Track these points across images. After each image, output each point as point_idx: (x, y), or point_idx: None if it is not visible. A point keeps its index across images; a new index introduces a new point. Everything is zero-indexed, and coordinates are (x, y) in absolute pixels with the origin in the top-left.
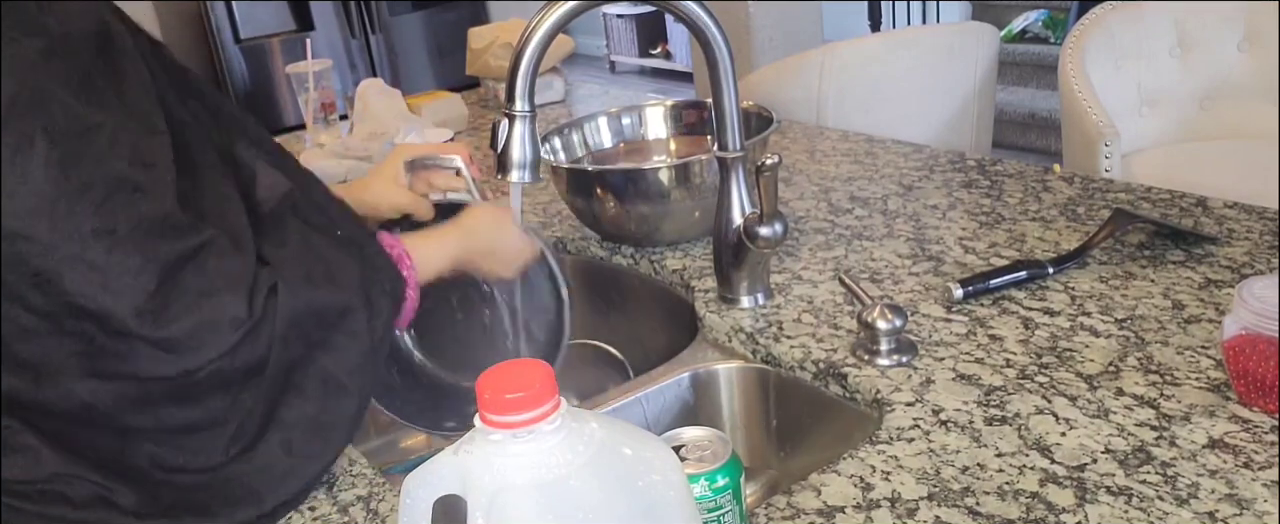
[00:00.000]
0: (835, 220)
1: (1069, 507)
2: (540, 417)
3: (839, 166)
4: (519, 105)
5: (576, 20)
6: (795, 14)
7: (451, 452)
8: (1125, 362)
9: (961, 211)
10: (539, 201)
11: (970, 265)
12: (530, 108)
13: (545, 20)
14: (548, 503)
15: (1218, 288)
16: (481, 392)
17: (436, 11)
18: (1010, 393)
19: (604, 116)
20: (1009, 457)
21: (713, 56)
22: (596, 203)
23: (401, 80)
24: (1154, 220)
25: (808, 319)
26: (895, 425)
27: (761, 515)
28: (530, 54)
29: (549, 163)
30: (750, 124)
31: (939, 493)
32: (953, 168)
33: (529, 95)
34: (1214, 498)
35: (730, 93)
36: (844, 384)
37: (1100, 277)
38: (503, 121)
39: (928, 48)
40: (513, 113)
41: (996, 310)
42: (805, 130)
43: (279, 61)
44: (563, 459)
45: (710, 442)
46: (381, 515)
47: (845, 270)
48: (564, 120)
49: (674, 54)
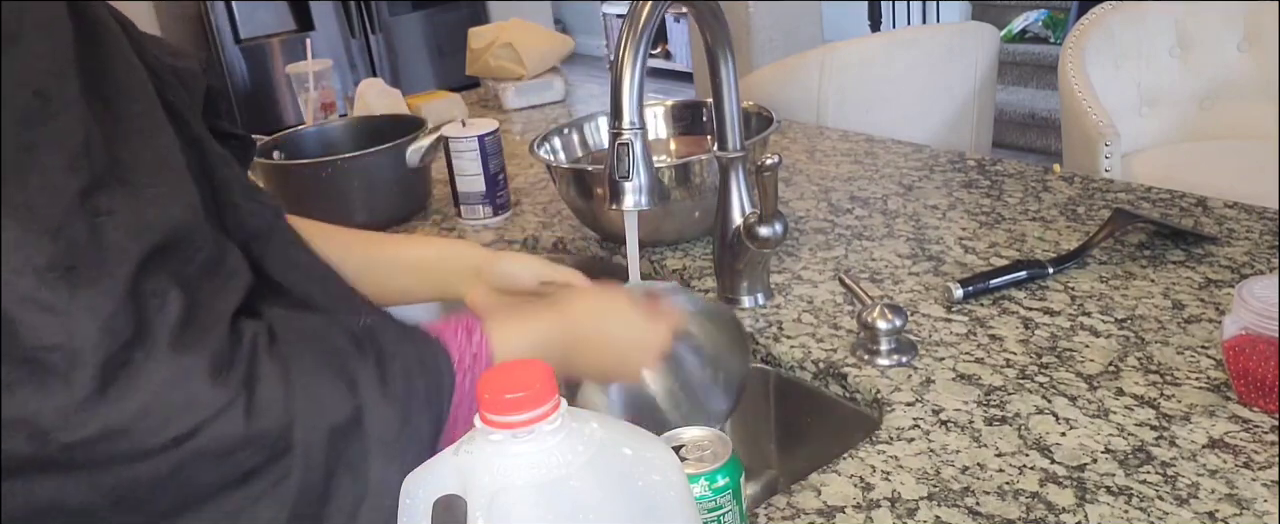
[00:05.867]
0: (835, 220)
1: (1069, 507)
2: (540, 417)
3: (839, 166)
4: (628, 120)
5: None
6: (795, 14)
7: (451, 452)
8: (1125, 362)
9: (961, 211)
10: (539, 201)
11: (970, 265)
12: (641, 123)
13: (639, 22)
14: (548, 503)
15: (1218, 288)
16: (481, 392)
17: (436, 11)
18: (1010, 393)
19: (604, 116)
20: (1009, 457)
21: (716, 56)
22: (596, 203)
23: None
24: (1154, 220)
25: (808, 319)
26: (895, 425)
27: (761, 515)
28: (634, 61)
29: (549, 163)
30: (750, 124)
31: (939, 493)
32: (953, 168)
33: (639, 108)
34: (1214, 498)
35: (731, 93)
36: (844, 384)
37: (1100, 277)
38: (613, 145)
39: (928, 48)
40: (622, 130)
41: (996, 310)
42: (805, 130)
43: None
44: (563, 459)
45: (710, 442)
46: None
47: (845, 270)
48: (564, 120)
49: (674, 54)
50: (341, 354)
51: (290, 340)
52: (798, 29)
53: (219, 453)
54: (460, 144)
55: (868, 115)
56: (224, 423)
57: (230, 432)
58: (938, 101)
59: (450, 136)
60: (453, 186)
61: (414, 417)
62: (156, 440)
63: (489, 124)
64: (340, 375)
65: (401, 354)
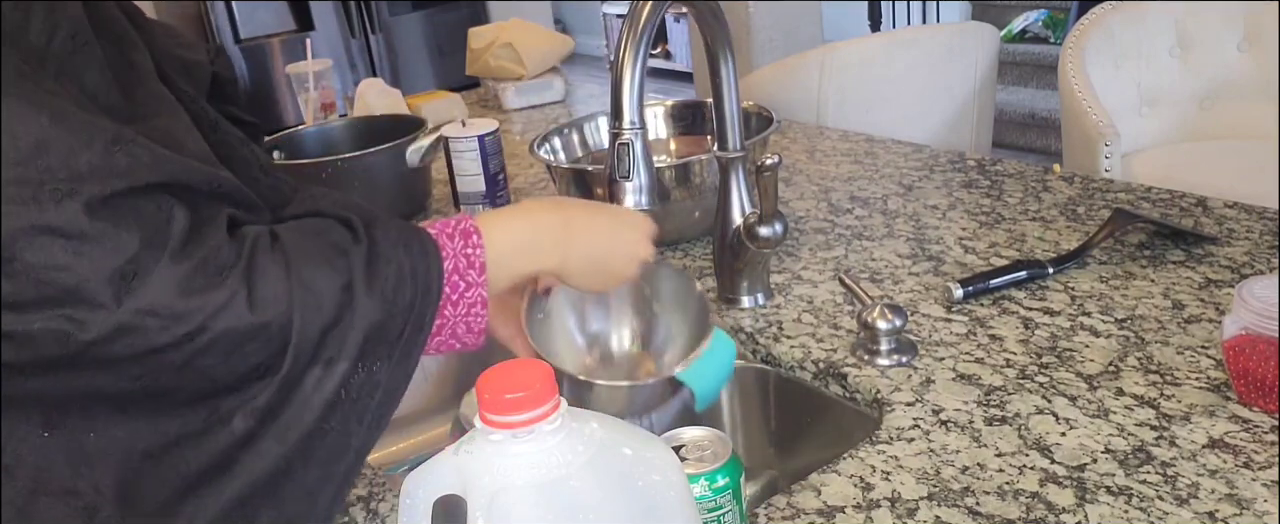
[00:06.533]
0: (835, 220)
1: (1069, 507)
2: (540, 417)
3: (839, 166)
4: (628, 120)
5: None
6: (795, 14)
7: (451, 452)
8: (1125, 362)
9: (961, 211)
10: None
11: (970, 265)
12: (641, 123)
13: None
14: (548, 503)
15: (1218, 288)
16: (481, 392)
17: (436, 11)
18: (1010, 393)
19: (604, 116)
20: (1009, 457)
21: (716, 56)
22: None
23: (401, 80)
24: (1154, 220)
25: (808, 319)
26: (895, 425)
27: (761, 515)
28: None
29: (549, 163)
30: (750, 124)
31: (939, 493)
32: (953, 168)
33: (639, 108)
34: (1214, 498)
35: (731, 93)
36: (844, 384)
37: (1100, 277)
38: (613, 145)
39: (928, 48)
40: (622, 130)
41: (996, 310)
42: (805, 130)
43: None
44: (563, 459)
45: (710, 442)
46: (381, 515)
47: (845, 270)
48: (564, 120)
49: (674, 54)
50: (338, 249)
51: (291, 238)
52: (798, 29)
53: (228, 346)
54: (460, 144)
55: (868, 115)
56: (228, 317)
57: (236, 325)
58: (938, 101)
59: (450, 136)
60: (453, 186)
61: (397, 317)
62: (167, 337)
63: (489, 124)
64: (337, 271)
65: (395, 258)
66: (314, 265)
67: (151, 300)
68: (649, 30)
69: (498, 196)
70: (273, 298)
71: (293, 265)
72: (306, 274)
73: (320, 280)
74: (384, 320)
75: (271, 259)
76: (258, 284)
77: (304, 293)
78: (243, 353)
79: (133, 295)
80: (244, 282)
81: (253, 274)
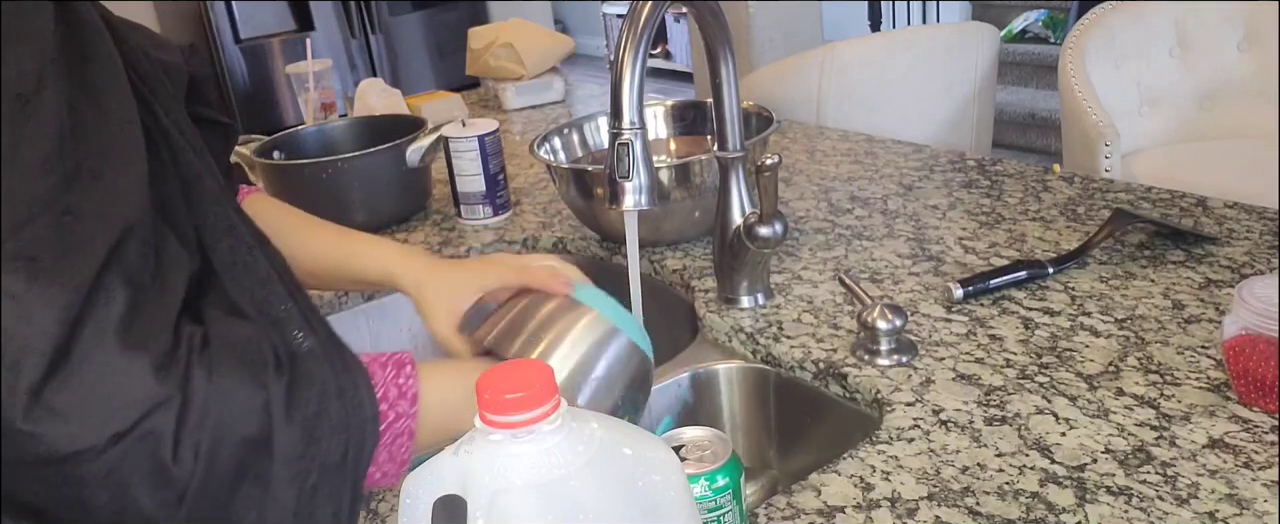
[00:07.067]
0: (835, 220)
1: (1069, 507)
2: (540, 417)
3: (839, 166)
4: (628, 120)
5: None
6: (795, 14)
7: (451, 452)
8: (1125, 362)
9: (961, 211)
10: (539, 201)
11: (970, 265)
12: (641, 123)
13: (639, 22)
14: (548, 503)
15: (1218, 288)
16: (481, 392)
17: (436, 11)
18: (1010, 393)
19: (604, 116)
20: (1009, 457)
21: (716, 56)
22: (596, 203)
23: (401, 80)
24: (1154, 220)
25: (808, 319)
26: (895, 425)
27: (761, 515)
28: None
29: (549, 163)
30: (750, 124)
31: (939, 493)
32: (953, 168)
33: (639, 108)
34: (1214, 498)
35: (731, 93)
36: (844, 384)
37: (1100, 277)
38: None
39: (928, 48)
40: (622, 130)
41: (996, 310)
42: (805, 130)
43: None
44: (563, 459)
45: (710, 442)
46: (381, 515)
47: (845, 270)
48: (564, 120)
49: (674, 54)
50: (263, 368)
51: (219, 348)
52: (798, 29)
53: (151, 451)
54: (460, 144)
55: (868, 115)
56: (159, 418)
57: (163, 428)
58: (938, 101)
59: (450, 136)
60: (453, 187)
61: (322, 441)
62: (97, 436)
63: (489, 124)
64: (258, 390)
65: (319, 378)
66: (237, 383)
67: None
68: (649, 30)
69: (497, 196)
70: (199, 407)
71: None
72: (228, 388)
73: (241, 397)
74: (302, 441)
75: (200, 370)
76: (191, 392)
77: (222, 407)
78: (162, 465)
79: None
80: (180, 388)
81: (188, 383)
